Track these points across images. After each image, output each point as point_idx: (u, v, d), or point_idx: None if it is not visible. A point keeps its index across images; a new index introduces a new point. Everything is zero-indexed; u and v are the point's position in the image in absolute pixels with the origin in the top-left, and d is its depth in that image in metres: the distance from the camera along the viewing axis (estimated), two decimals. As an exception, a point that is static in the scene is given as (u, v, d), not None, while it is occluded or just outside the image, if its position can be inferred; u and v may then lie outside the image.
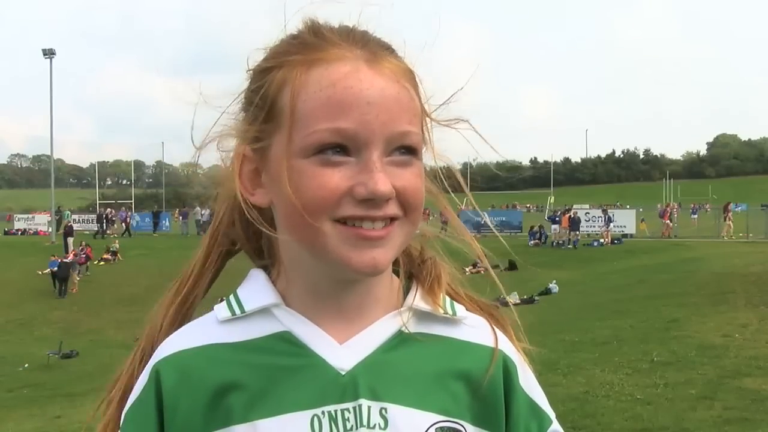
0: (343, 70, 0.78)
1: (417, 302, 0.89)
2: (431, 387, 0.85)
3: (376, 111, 0.77)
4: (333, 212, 0.78)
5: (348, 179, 0.77)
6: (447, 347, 0.88)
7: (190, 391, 0.84)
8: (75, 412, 10.48)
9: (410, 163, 0.80)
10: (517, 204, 68.82)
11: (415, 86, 0.83)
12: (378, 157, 0.77)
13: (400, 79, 0.80)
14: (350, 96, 0.77)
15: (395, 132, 0.78)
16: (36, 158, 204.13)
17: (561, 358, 8.42)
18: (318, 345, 0.84)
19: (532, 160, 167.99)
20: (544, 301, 18.82)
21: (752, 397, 6.46)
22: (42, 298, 26.35)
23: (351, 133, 0.76)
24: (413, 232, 0.85)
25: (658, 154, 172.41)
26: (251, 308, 0.87)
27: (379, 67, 0.79)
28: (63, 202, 52.45)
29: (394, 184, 0.78)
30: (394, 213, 0.79)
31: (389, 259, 0.81)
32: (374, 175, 0.76)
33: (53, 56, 41.20)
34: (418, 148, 0.81)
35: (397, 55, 0.83)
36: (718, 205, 43.67)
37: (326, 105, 0.77)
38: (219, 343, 0.86)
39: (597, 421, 6.00)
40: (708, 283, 15.37)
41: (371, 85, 0.77)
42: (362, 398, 0.81)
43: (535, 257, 28.15)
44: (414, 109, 0.81)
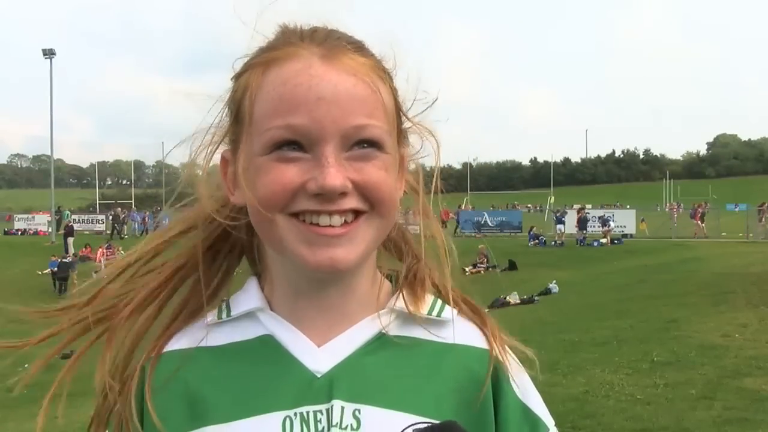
0: (295, 67, 0.79)
1: (400, 304, 0.88)
2: (410, 388, 0.84)
3: (327, 106, 0.77)
4: (287, 207, 0.79)
5: (302, 174, 0.78)
6: (428, 350, 0.87)
7: (171, 391, 0.86)
8: (75, 412, 10.44)
9: (372, 156, 0.79)
10: (518, 204, 68.79)
11: (384, 81, 0.83)
12: (332, 152, 0.77)
13: (358, 73, 0.79)
14: (300, 92, 0.77)
15: (349, 126, 0.77)
16: (36, 158, 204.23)
17: (561, 358, 8.42)
18: (297, 348, 0.85)
19: (532, 160, 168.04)
20: (544, 301, 18.80)
21: (752, 397, 6.46)
22: (42, 298, 26.27)
23: (303, 129, 0.77)
24: (387, 227, 0.84)
25: (658, 154, 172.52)
26: (237, 312, 0.89)
27: (334, 63, 0.79)
28: (63, 202, 52.45)
29: (353, 178, 0.78)
30: (353, 206, 0.79)
31: (354, 258, 0.80)
32: (325, 169, 0.77)
33: (53, 56, 41.24)
34: (381, 142, 0.80)
35: (364, 51, 0.83)
36: (715, 205, 43.62)
37: (278, 103, 0.78)
38: (202, 347, 0.88)
39: (597, 421, 6.00)
40: (708, 283, 15.37)
41: (322, 80, 0.77)
42: (335, 399, 0.82)
43: (535, 257, 28.16)
44: (376, 102, 0.80)
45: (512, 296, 18.90)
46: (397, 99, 0.86)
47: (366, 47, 0.84)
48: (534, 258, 27.87)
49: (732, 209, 62.77)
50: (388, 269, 0.94)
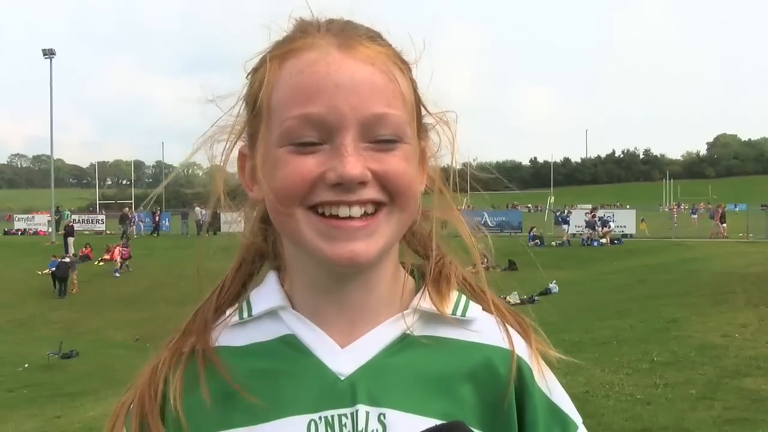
0: (312, 56, 0.77)
1: (424, 303, 0.86)
2: (434, 391, 0.83)
3: (345, 93, 0.75)
4: (306, 199, 0.77)
5: (320, 165, 0.76)
6: (453, 350, 0.85)
7: (195, 392, 0.85)
8: (75, 412, 10.48)
9: (393, 147, 0.78)
10: (518, 204, 68.72)
11: (403, 71, 0.81)
12: (352, 141, 0.76)
13: (376, 61, 0.78)
14: (317, 80, 0.76)
15: (368, 114, 0.76)
16: (36, 158, 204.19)
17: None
18: (319, 349, 0.84)
19: (532, 160, 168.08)
20: (544, 301, 18.81)
21: (752, 397, 6.46)
22: (42, 298, 26.33)
23: (320, 118, 0.75)
24: (407, 220, 0.82)
25: (658, 154, 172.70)
26: (258, 311, 0.87)
27: (351, 51, 0.77)
28: (63, 202, 52.52)
29: (373, 168, 0.76)
30: (372, 197, 0.77)
31: (374, 252, 0.78)
32: (344, 159, 0.75)
33: (53, 56, 41.20)
34: (401, 131, 0.78)
35: (381, 41, 0.81)
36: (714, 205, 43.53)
37: (295, 92, 0.77)
38: (226, 346, 0.87)
39: (597, 421, 6.00)
40: (708, 283, 15.37)
41: (339, 68, 0.76)
42: (360, 404, 0.80)
43: (535, 257, 28.13)
44: (394, 91, 0.78)
45: (512, 296, 18.91)
46: (416, 91, 0.84)
47: (383, 38, 0.82)
48: (534, 258, 27.86)
49: (732, 209, 62.72)
50: (411, 264, 0.92)
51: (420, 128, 0.85)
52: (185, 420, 0.83)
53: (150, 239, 38.08)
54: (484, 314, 0.89)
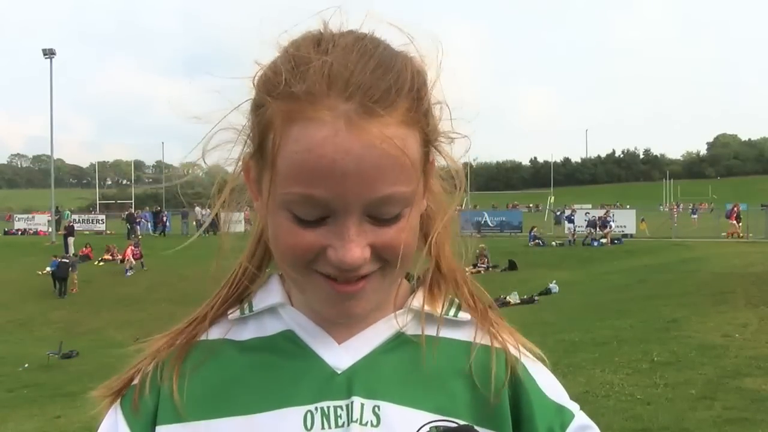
0: (320, 134, 0.72)
1: (417, 303, 0.90)
2: (427, 386, 0.86)
3: (351, 181, 0.73)
4: (310, 265, 0.79)
5: (321, 239, 0.76)
6: (446, 348, 0.88)
7: (195, 379, 0.87)
8: (75, 412, 10.47)
9: (395, 220, 0.77)
10: (519, 204, 68.77)
11: (412, 127, 0.76)
12: (354, 223, 0.75)
13: (386, 140, 0.73)
14: (324, 165, 0.72)
15: (374, 198, 0.74)
16: (36, 158, 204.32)
17: (561, 358, 8.42)
18: (318, 344, 0.87)
19: (532, 160, 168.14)
20: (544, 301, 18.81)
21: (752, 397, 6.46)
22: (42, 298, 26.34)
23: (324, 202, 0.74)
24: (401, 273, 0.84)
25: (658, 154, 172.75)
26: (259, 308, 0.91)
27: (361, 129, 0.72)
28: (63, 202, 52.56)
29: (372, 242, 0.77)
30: (371, 270, 0.79)
31: (368, 308, 0.83)
32: (345, 244, 0.75)
33: (53, 56, 41.21)
34: (408, 203, 0.77)
35: (395, 97, 0.74)
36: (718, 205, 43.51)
37: (300, 170, 0.74)
38: (227, 339, 0.90)
39: (597, 421, 5.88)
40: (708, 283, 15.38)
41: (347, 154, 0.72)
42: (355, 396, 0.83)
43: (535, 257, 28.16)
44: (403, 166, 0.74)
45: (512, 296, 18.91)
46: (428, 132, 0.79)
47: (397, 82, 0.75)
48: (534, 258, 27.87)
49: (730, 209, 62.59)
50: None
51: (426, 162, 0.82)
52: (182, 407, 0.85)
53: (150, 239, 38.07)
54: (475, 315, 0.92)
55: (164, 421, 0.86)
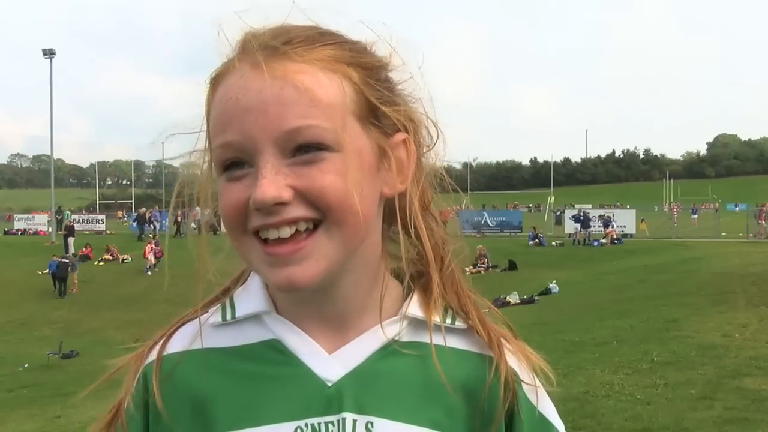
0: (230, 82, 0.77)
1: (412, 310, 0.85)
2: (422, 399, 0.82)
3: (254, 116, 0.74)
4: (245, 225, 0.77)
5: (245, 191, 0.76)
6: (442, 358, 0.84)
7: (176, 396, 0.84)
8: (75, 412, 10.46)
9: (317, 159, 0.75)
10: (519, 204, 68.72)
11: (338, 72, 0.78)
12: (269, 162, 0.74)
13: (288, 74, 0.75)
14: (230, 108, 0.76)
15: (280, 132, 0.74)
16: (36, 158, 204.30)
17: (561, 358, 8.42)
18: (306, 354, 0.83)
19: (532, 160, 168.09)
20: (544, 301, 18.79)
21: (752, 397, 6.46)
22: (42, 298, 26.34)
23: (237, 144, 0.75)
24: (353, 235, 0.77)
25: (658, 154, 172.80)
26: (242, 314, 0.86)
27: (263, 69, 0.75)
28: (63, 202, 52.42)
29: (294, 185, 0.74)
30: (299, 215, 0.75)
31: (312, 275, 0.76)
32: (257, 183, 0.74)
33: (53, 56, 41.20)
34: (325, 141, 0.75)
35: (311, 45, 0.78)
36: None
37: (217, 121, 0.77)
38: (209, 348, 0.85)
39: (597, 421, 6.00)
40: (708, 283, 15.37)
41: (248, 91, 0.75)
42: (346, 411, 0.80)
43: (535, 257, 28.15)
44: (311, 101, 0.74)
45: (512, 296, 18.90)
46: (365, 88, 0.79)
47: (322, 39, 0.79)
48: (534, 258, 27.87)
49: (732, 209, 62.72)
50: (398, 267, 0.90)
51: (379, 125, 0.81)
52: (163, 424, 0.83)
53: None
54: (471, 323, 0.87)
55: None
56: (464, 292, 0.89)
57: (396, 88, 0.85)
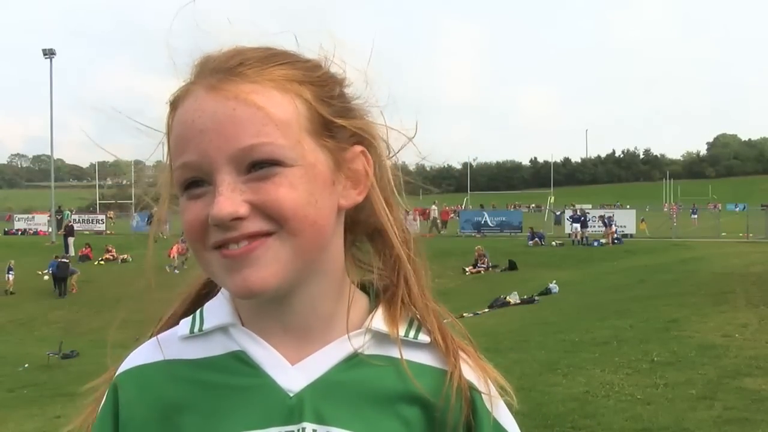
0: (187, 105, 0.80)
1: (376, 323, 0.87)
2: (382, 411, 0.83)
3: (209, 136, 0.77)
4: (205, 242, 0.80)
5: (204, 209, 0.78)
6: (403, 371, 0.85)
7: (145, 406, 0.86)
8: (75, 412, 10.43)
9: (271, 174, 0.77)
10: (520, 204, 68.70)
11: (290, 91, 0.80)
12: (225, 179, 0.77)
13: (240, 94, 0.78)
14: (187, 129, 0.79)
15: (235, 150, 0.76)
16: (36, 158, 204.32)
17: (561, 358, 8.42)
18: (269, 366, 0.84)
19: (532, 160, 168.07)
20: (544, 301, 18.79)
21: (752, 397, 6.46)
22: (42, 298, 26.34)
23: (194, 165, 0.78)
24: (308, 245, 0.80)
25: (658, 154, 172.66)
26: (209, 327, 0.88)
27: (217, 91, 0.78)
28: (63, 202, 52.42)
29: (250, 200, 0.77)
30: (256, 230, 0.77)
31: (267, 278, 0.78)
32: (215, 200, 0.77)
33: (53, 56, 41.20)
34: (278, 157, 0.77)
35: (264, 66, 0.81)
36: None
37: (176, 143, 0.80)
38: (177, 359, 0.88)
39: (597, 421, 6.00)
40: (708, 283, 15.37)
41: (203, 113, 0.78)
42: (306, 422, 0.81)
43: (535, 257, 28.15)
44: (262, 119, 0.77)
45: (512, 296, 18.91)
46: (317, 104, 0.82)
47: (274, 59, 0.82)
48: (534, 258, 27.87)
49: (733, 209, 62.73)
50: (363, 280, 0.93)
51: (335, 139, 0.83)
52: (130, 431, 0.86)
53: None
54: (434, 337, 0.89)
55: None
56: (428, 305, 0.90)
57: (351, 102, 0.87)
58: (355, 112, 0.87)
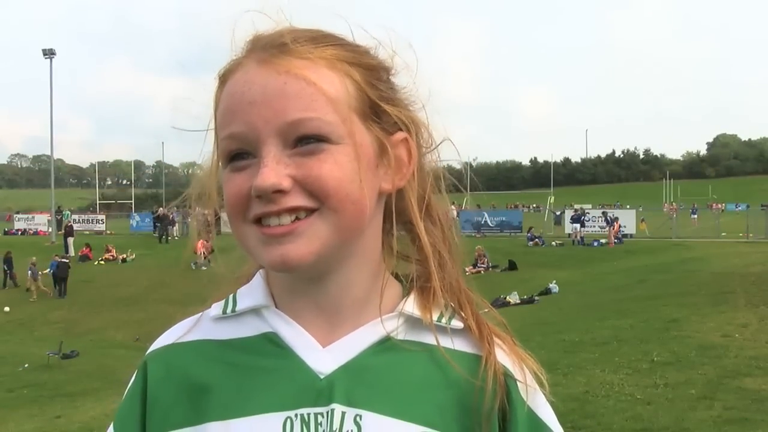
0: (237, 77, 0.81)
1: (409, 308, 0.87)
2: (414, 396, 0.83)
3: (258, 109, 0.78)
4: (246, 214, 0.80)
5: (247, 180, 0.79)
6: (437, 357, 0.85)
7: (173, 385, 0.86)
8: (75, 412, 10.47)
9: (317, 150, 0.78)
10: (520, 204, 68.67)
11: (340, 70, 0.81)
12: (271, 152, 0.78)
13: (291, 69, 0.79)
14: (236, 101, 0.79)
15: (282, 123, 0.77)
16: (36, 158, 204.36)
17: (561, 358, 8.42)
18: (300, 347, 0.84)
19: (532, 160, 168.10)
20: (544, 301, 18.79)
21: (752, 397, 6.46)
22: (42, 298, 26.34)
23: (241, 136, 0.79)
24: (348, 223, 0.80)
25: (658, 154, 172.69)
26: (242, 308, 0.89)
27: (267, 65, 0.80)
28: (63, 202, 52.48)
29: (293, 174, 0.78)
30: (297, 204, 0.78)
31: (304, 254, 0.78)
32: (259, 171, 0.77)
33: (53, 56, 41.20)
34: (325, 133, 0.78)
35: (314, 45, 0.81)
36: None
37: (224, 115, 0.81)
38: (208, 339, 0.89)
39: (597, 421, 6.00)
40: (708, 283, 15.36)
41: (253, 85, 0.79)
42: (335, 403, 0.81)
43: (535, 257, 28.16)
44: (312, 94, 0.78)
45: (512, 296, 18.91)
46: (366, 87, 0.83)
47: (325, 40, 0.83)
48: (534, 258, 27.87)
49: (734, 209, 62.72)
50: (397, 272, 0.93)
51: (380, 123, 0.84)
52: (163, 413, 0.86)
53: (150, 239, 38.00)
54: (468, 323, 0.89)
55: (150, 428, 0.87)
56: (462, 291, 0.90)
57: (398, 90, 0.88)
58: (400, 101, 0.88)
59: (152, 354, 0.90)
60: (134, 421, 0.88)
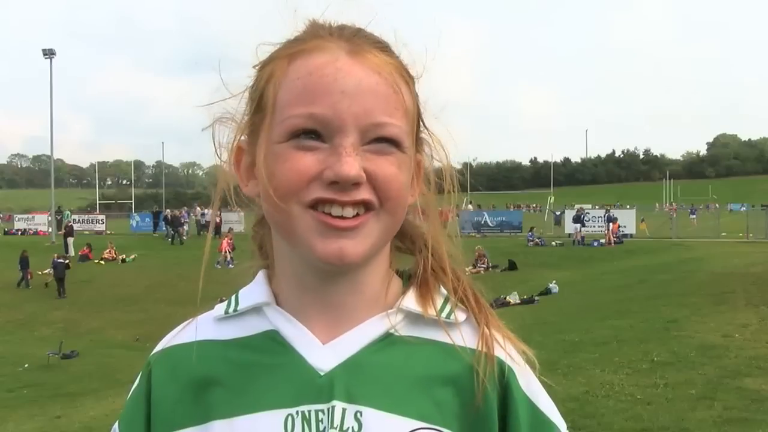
0: (321, 59, 0.80)
1: (408, 304, 0.87)
2: (414, 392, 0.83)
3: (350, 101, 0.78)
4: (302, 195, 0.78)
5: (319, 163, 0.78)
6: (436, 351, 0.85)
7: (176, 385, 0.87)
8: (75, 412, 10.47)
9: (387, 152, 0.80)
10: (521, 204, 68.68)
11: (407, 83, 0.84)
12: (350, 144, 0.78)
13: (382, 71, 0.80)
14: (325, 84, 0.78)
15: (369, 123, 0.78)
16: (36, 158, 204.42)
17: (561, 358, 8.41)
18: (300, 344, 0.85)
19: (532, 160, 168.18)
20: (544, 301, 18.79)
21: (752, 397, 6.45)
22: (42, 298, 26.32)
23: (323, 119, 0.78)
24: (394, 225, 0.83)
25: (658, 154, 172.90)
26: (244, 307, 0.89)
27: (360, 58, 0.80)
28: (63, 202, 52.42)
29: (367, 168, 0.78)
30: (365, 198, 0.79)
31: (361, 252, 0.80)
32: (342, 158, 0.77)
33: (53, 56, 41.17)
34: (399, 140, 0.80)
35: (390, 52, 0.84)
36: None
37: (302, 92, 0.79)
38: (211, 339, 0.89)
39: (597, 421, 6.00)
40: (708, 283, 15.35)
41: (348, 75, 0.78)
42: (336, 400, 0.81)
43: (535, 257, 28.15)
44: (397, 102, 0.80)
45: (512, 296, 18.90)
46: (418, 104, 0.86)
47: (392, 49, 0.85)
48: (534, 258, 27.86)
49: (736, 209, 62.71)
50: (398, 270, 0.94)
51: (417, 141, 0.87)
52: (162, 410, 0.86)
53: (150, 239, 37.98)
54: (468, 318, 0.89)
55: (155, 428, 0.87)
56: (460, 288, 0.91)
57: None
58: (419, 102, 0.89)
59: (156, 355, 0.91)
60: (139, 422, 0.88)
